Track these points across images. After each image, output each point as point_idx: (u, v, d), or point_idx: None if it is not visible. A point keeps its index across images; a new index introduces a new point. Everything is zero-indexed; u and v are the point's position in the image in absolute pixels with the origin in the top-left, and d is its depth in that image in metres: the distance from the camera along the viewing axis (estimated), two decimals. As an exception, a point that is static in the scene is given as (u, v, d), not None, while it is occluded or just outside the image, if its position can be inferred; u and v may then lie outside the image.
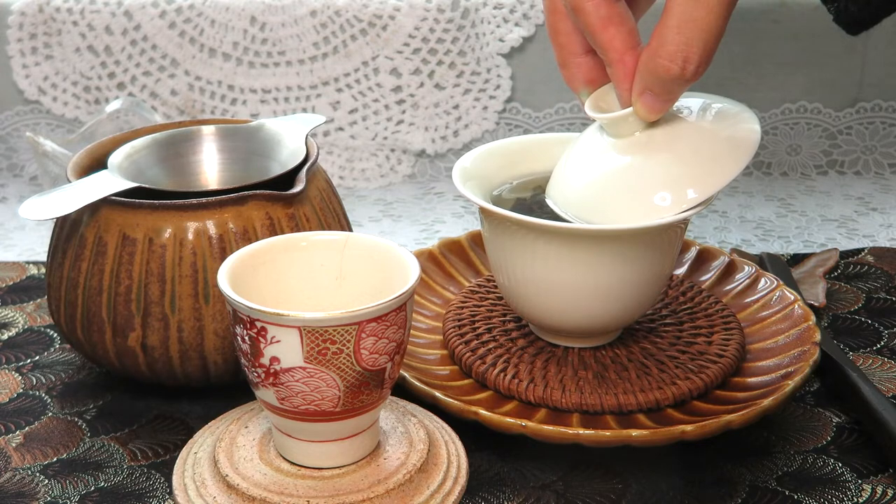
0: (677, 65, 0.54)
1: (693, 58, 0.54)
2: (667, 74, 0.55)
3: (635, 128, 0.59)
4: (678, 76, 0.55)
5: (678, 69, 0.54)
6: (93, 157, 0.68)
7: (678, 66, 0.54)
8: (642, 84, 0.56)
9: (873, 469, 0.58)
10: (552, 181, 0.62)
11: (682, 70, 0.54)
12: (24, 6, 0.95)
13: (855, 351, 0.69)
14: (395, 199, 0.93)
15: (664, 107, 0.57)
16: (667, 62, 0.54)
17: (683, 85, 0.56)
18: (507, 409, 0.60)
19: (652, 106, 0.57)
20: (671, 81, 0.55)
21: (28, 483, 0.58)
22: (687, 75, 0.54)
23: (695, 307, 0.68)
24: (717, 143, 0.58)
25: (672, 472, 0.58)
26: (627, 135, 0.59)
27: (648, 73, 0.56)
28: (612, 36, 0.56)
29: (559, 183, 0.61)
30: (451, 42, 0.95)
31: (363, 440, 0.56)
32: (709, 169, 0.57)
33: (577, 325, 0.62)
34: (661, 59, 0.54)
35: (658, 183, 0.57)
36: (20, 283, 0.79)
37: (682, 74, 0.54)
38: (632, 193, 0.58)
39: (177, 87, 0.96)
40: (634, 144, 0.59)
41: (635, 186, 0.58)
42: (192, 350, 0.61)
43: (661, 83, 0.55)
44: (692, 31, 0.54)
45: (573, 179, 0.60)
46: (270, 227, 0.61)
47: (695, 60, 0.54)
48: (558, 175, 0.62)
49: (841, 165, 0.96)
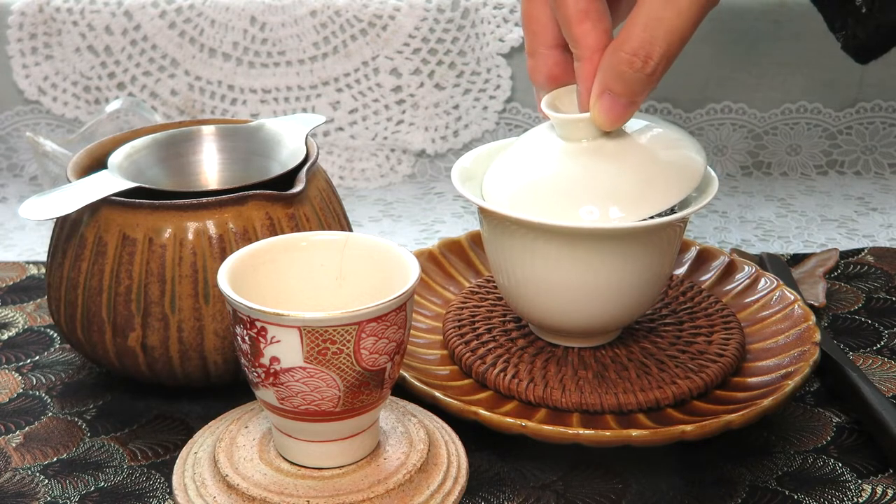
0: (639, 59, 0.54)
1: (655, 55, 0.54)
2: (628, 68, 0.54)
3: (585, 134, 0.59)
4: (639, 71, 0.54)
5: (640, 63, 0.54)
6: (93, 157, 0.68)
7: (640, 61, 0.54)
8: (602, 83, 0.56)
9: (873, 469, 0.58)
10: (490, 172, 0.62)
11: (644, 65, 0.54)
12: (24, 6, 0.95)
13: (855, 351, 0.69)
14: (395, 199, 0.93)
15: (622, 113, 0.56)
16: (629, 55, 0.54)
17: (644, 84, 0.55)
18: (507, 409, 0.60)
19: (610, 109, 0.56)
20: (632, 78, 0.54)
21: (28, 483, 0.58)
22: (647, 70, 0.54)
23: (695, 307, 0.68)
24: (658, 167, 0.59)
25: (672, 472, 0.58)
26: (576, 139, 0.59)
27: (610, 68, 0.55)
28: (587, 31, 0.56)
29: (496, 175, 0.61)
30: (451, 42, 0.95)
31: (363, 440, 0.56)
32: (643, 192, 0.57)
33: (577, 325, 0.62)
34: (623, 52, 0.54)
35: (589, 195, 0.57)
36: (20, 283, 0.79)
37: (642, 69, 0.54)
38: (561, 199, 0.58)
39: (177, 87, 0.96)
40: (579, 151, 0.59)
41: (567, 193, 0.58)
42: (192, 350, 0.61)
43: (621, 80, 0.55)
44: (657, 29, 0.53)
45: (510, 174, 0.60)
46: (270, 227, 0.61)
47: (656, 58, 0.54)
48: (497, 167, 0.62)
49: (841, 165, 0.96)
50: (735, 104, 0.95)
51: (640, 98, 0.56)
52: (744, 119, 0.96)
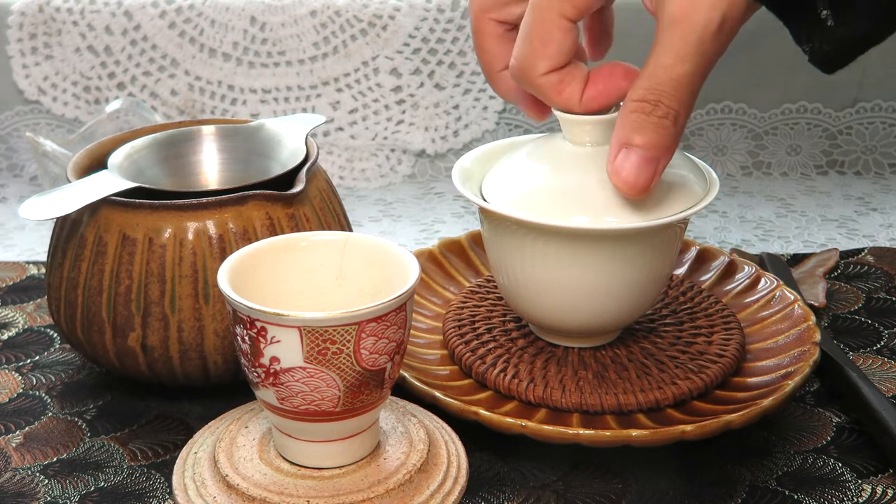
0: (649, 103, 0.52)
1: (664, 99, 0.52)
2: (640, 113, 0.52)
3: (590, 138, 0.59)
4: (650, 114, 0.52)
5: (650, 107, 0.52)
6: (93, 157, 0.68)
7: (650, 105, 0.52)
8: (618, 140, 0.54)
9: (873, 469, 0.58)
10: (492, 173, 0.62)
11: (654, 108, 0.52)
12: (24, 6, 0.95)
13: (855, 351, 0.69)
14: (395, 199, 0.93)
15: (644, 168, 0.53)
16: (636, 103, 0.53)
17: (660, 129, 0.53)
18: (507, 409, 0.60)
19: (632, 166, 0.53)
20: (646, 123, 0.52)
21: (28, 483, 0.58)
22: (659, 113, 0.52)
23: (695, 307, 0.68)
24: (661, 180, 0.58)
25: (672, 472, 0.58)
26: (581, 143, 0.59)
27: (621, 119, 0.53)
28: (570, 95, 0.57)
29: (498, 176, 0.61)
30: (451, 42, 0.95)
31: (363, 440, 0.56)
32: (642, 201, 0.57)
33: (577, 325, 0.62)
34: (631, 101, 0.53)
35: (588, 201, 0.57)
36: (20, 283, 0.79)
37: (653, 111, 0.52)
38: (561, 202, 0.58)
39: (177, 87, 0.96)
40: (583, 155, 0.59)
41: (567, 196, 0.58)
42: (192, 350, 0.61)
43: (636, 127, 0.53)
44: (661, 76, 0.52)
45: (512, 175, 0.60)
46: (270, 227, 0.61)
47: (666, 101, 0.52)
48: (500, 168, 0.62)
49: (841, 165, 0.96)
50: (735, 104, 0.95)
51: (662, 151, 0.53)
52: (744, 119, 0.96)
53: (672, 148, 0.54)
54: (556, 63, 0.56)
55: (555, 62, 0.56)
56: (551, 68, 0.56)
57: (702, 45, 0.51)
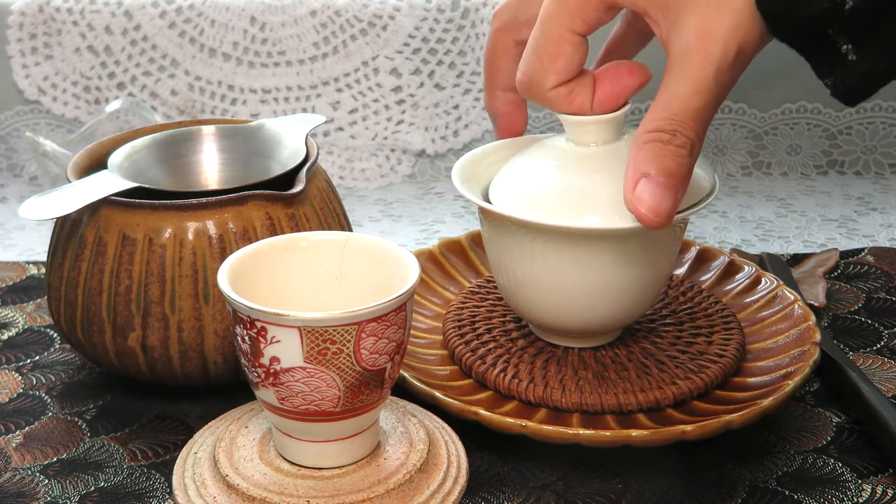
0: (665, 135, 0.52)
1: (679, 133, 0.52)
2: (657, 142, 0.52)
3: (594, 138, 0.59)
4: (668, 143, 0.52)
5: (667, 136, 0.52)
6: (93, 157, 0.68)
7: (667, 134, 0.52)
8: (635, 171, 0.52)
9: (873, 469, 0.58)
10: (498, 176, 0.62)
11: (672, 137, 0.51)
12: (24, 6, 0.95)
13: (855, 351, 0.69)
14: (395, 199, 0.93)
15: (663, 196, 0.52)
16: (650, 133, 0.52)
17: (678, 156, 0.52)
18: (507, 409, 0.60)
19: (651, 195, 0.52)
20: (663, 151, 0.52)
21: (28, 483, 0.58)
22: (677, 142, 0.51)
23: (695, 307, 0.68)
24: None
25: (672, 472, 0.58)
26: (585, 143, 0.59)
27: (637, 150, 0.52)
28: (581, 104, 0.57)
29: (504, 179, 0.61)
30: (451, 42, 0.95)
31: (363, 440, 0.56)
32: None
33: (577, 325, 0.62)
34: (646, 132, 0.52)
35: (594, 200, 0.57)
36: (20, 283, 0.79)
37: (671, 140, 0.51)
38: (566, 203, 0.58)
39: (177, 87, 0.96)
40: (588, 155, 0.59)
41: (572, 197, 0.58)
42: (192, 350, 0.61)
43: (653, 155, 0.52)
44: (675, 107, 0.51)
45: (518, 178, 0.60)
46: (270, 227, 0.61)
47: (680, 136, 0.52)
48: (506, 171, 0.62)
49: (841, 165, 0.96)
50: (735, 104, 0.95)
51: (680, 180, 0.52)
52: (744, 119, 0.96)
53: (688, 179, 0.53)
54: (564, 77, 0.56)
55: (563, 77, 0.56)
56: (560, 83, 0.56)
57: (718, 77, 0.51)
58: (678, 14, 0.51)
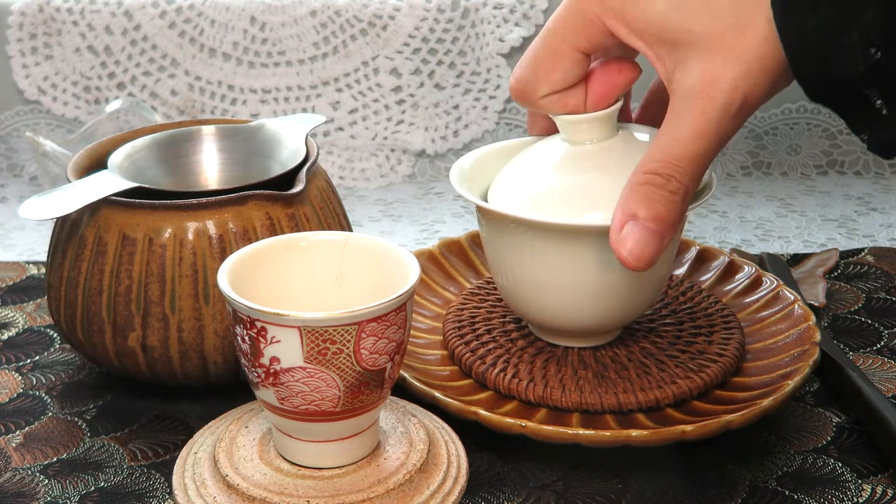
0: (661, 176, 0.51)
1: (676, 173, 0.51)
2: (650, 185, 0.51)
3: (589, 136, 0.59)
4: (661, 187, 0.51)
5: (661, 180, 0.51)
6: (93, 157, 0.68)
7: (662, 178, 0.51)
8: (624, 211, 0.52)
9: (873, 469, 0.58)
10: (497, 178, 0.62)
11: (666, 182, 0.51)
12: (24, 6, 0.95)
13: (855, 351, 0.69)
14: (395, 199, 0.93)
15: (650, 241, 0.52)
16: (645, 176, 0.52)
17: (670, 203, 0.51)
18: (507, 409, 0.60)
19: (637, 239, 0.52)
20: (656, 195, 0.51)
21: (28, 483, 0.58)
22: (670, 187, 0.51)
23: (695, 307, 0.68)
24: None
25: (672, 472, 0.58)
26: (580, 142, 0.59)
27: (630, 191, 0.52)
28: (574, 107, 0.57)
29: (502, 181, 0.61)
30: (451, 42, 0.95)
31: (363, 440, 0.56)
32: None
33: (577, 325, 0.62)
34: (640, 174, 0.52)
35: (592, 198, 0.57)
36: (20, 283, 0.79)
37: (665, 185, 0.51)
38: (564, 202, 0.58)
39: (177, 87, 0.96)
40: (584, 154, 0.59)
41: (570, 196, 0.58)
42: (192, 350, 0.61)
43: (645, 199, 0.52)
44: (674, 150, 0.51)
45: (516, 179, 0.61)
46: (270, 227, 0.61)
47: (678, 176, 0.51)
48: (504, 173, 0.62)
49: (841, 165, 0.96)
50: (735, 104, 0.95)
51: (668, 227, 0.52)
52: (744, 119, 0.96)
53: (677, 225, 0.53)
54: (558, 88, 0.56)
55: (557, 88, 0.56)
56: (553, 92, 0.56)
57: (721, 124, 0.50)
58: (685, 55, 0.51)
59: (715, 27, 0.49)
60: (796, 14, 0.48)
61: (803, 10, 0.47)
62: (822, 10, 0.47)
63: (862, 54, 0.47)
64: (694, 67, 0.50)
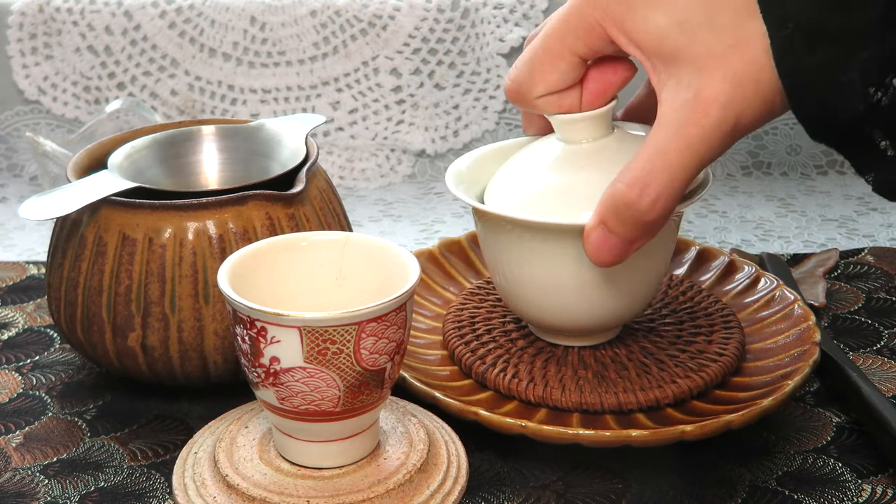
0: (634, 191, 0.51)
1: (652, 189, 0.51)
2: (621, 200, 0.52)
3: (585, 135, 0.59)
4: (633, 204, 0.51)
5: (634, 196, 0.51)
6: (93, 157, 0.68)
7: (635, 193, 0.51)
8: (598, 214, 0.53)
9: (873, 469, 0.58)
10: (493, 179, 0.62)
11: (639, 197, 0.51)
12: (24, 6, 0.95)
13: (855, 351, 0.69)
14: (395, 199, 0.93)
15: (613, 250, 0.53)
16: (624, 186, 0.52)
17: (638, 222, 0.52)
18: (507, 409, 0.60)
19: (601, 244, 0.53)
20: (626, 213, 0.52)
21: (28, 483, 0.58)
22: (643, 206, 0.51)
23: (695, 307, 0.68)
24: None
25: (672, 472, 0.58)
26: (576, 141, 0.59)
27: (607, 198, 0.53)
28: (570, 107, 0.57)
29: (498, 182, 0.61)
30: (451, 42, 0.95)
31: (363, 440, 0.56)
32: None
33: (576, 324, 0.62)
34: (619, 183, 0.52)
35: (588, 197, 0.56)
36: (20, 283, 0.79)
37: (637, 203, 0.51)
38: (560, 202, 0.57)
39: (177, 87, 0.96)
40: (579, 153, 0.59)
41: (566, 196, 0.58)
42: (192, 350, 0.61)
43: (615, 213, 0.52)
44: (659, 160, 0.51)
45: (512, 179, 0.61)
46: (270, 227, 0.61)
47: (653, 192, 0.51)
48: (500, 174, 0.62)
49: (841, 165, 0.96)
50: (735, 104, 0.95)
51: (636, 240, 0.53)
52: (744, 119, 0.96)
53: (651, 233, 0.53)
54: (554, 90, 0.56)
55: (553, 89, 0.56)
56: (549, 93, 0.56)
57: (710, 141, 0.50)
58: (681, 70, 0.50)
59: (715, 47, 0.49)
60: (795, 55, 0.47)
61: (801, 52, 0.47)
62: (819, 49, 0.47)
63: (862, 93, 0.47)
64: (690, 83, 0.50)
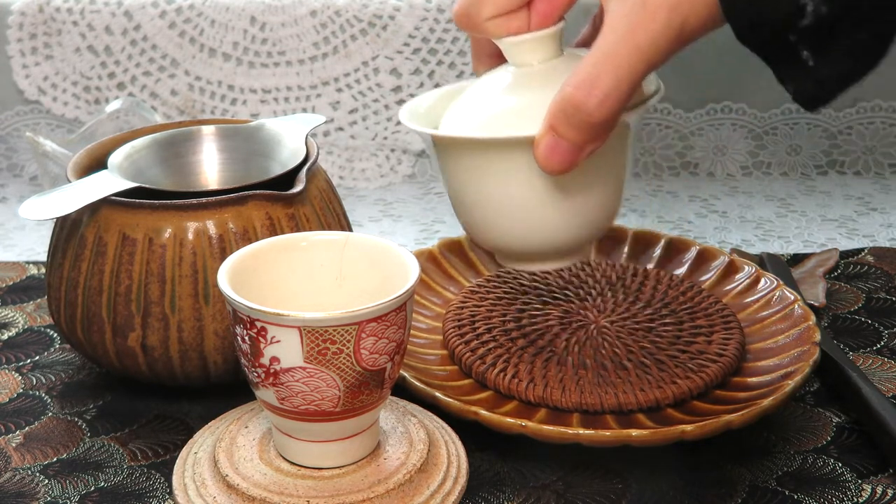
0: (582, 92, 0.51)
1: (599, 90, 0.51)
2: (570, 102, 0.51)
3: (534, 57, 0.57)
4: (581, 105, 0.51)
5: (582, 96, 0.51)
6: (93, 157, 0.68)
7: (582, 94, 0.51)
8: (548, 120, 0.53)
9: (873, 469, 0.58)
10: (447, 113, 0.61)
11: (587, 98, 0.51)
12: (24, 6, 0.95)
13: (855, 351, 0.69)
14: (395, 199, 0.93)
15: (564, 157, 0.53)
16: (571, 89, 0.51)
17: (586, 124, 0.52)
18: (507, 409, 0.60)
19: (551, 151, 0.53)
20: (575, 113, 0.51)
21: (28, 483, 0.58)
22: (590, 106, 0.51)
23: (695, 307, 0.68)
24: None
25: (672, 472, 0.58)
26: (526, 63, 0.58)
27: (555, 103, 0.52)
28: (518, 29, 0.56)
29: (453, 114, 0.60)
30: (451, 42, 0.95)
31: (363, 440, 0.56)
32: None
33: (540, 245, 0.58)
34: (567, 86, 0.52)
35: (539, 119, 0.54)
36: (20, 283, 0.79)
37: (585, 103, 0.51)
38: (515, 124, 0.56)
39: (177, 87, 0.96)
40: (531, 75, 0.57)
41: (520, 117, 0.56)
42: (192, 350, 0.61)
43: (564, 117, 0.52)
44: (606, 64, 0.51)
45: (466, 109, 0.59)
46: (270, 227, 0.61)
47: (600, 92, 0.51)
48: (454, 106, 0.60)
49: (841, 165, 0.96)
50: (735, 104, 0.95)
51: (585, 144, 0.53)
52: (744, 119, 0.96)
53: (601, 136, 0.53)
54: (503, 11, 0.56)
55: (502, 10, 0.56)
56: (497, 14, 0.56)
57: (659, 44, 0.50)
58: None
59: None
60: None
61: None
62: None
63: None
64: None
